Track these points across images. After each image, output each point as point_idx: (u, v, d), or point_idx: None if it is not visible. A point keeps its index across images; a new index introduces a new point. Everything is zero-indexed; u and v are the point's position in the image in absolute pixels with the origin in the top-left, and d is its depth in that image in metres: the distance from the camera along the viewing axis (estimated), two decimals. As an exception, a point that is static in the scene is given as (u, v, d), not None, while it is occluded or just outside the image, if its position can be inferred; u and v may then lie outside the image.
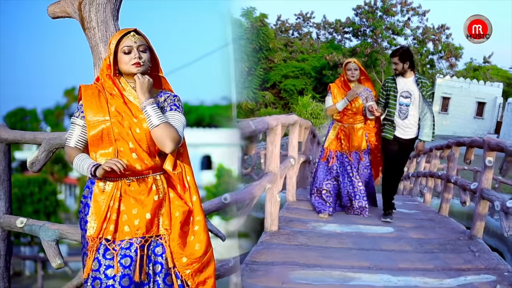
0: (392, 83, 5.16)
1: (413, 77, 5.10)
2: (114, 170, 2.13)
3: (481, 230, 4.67)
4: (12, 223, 3.33)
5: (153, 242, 2.30)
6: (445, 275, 3.63)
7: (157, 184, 2.32)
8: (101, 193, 2.28)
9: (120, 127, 2.27)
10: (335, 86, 5.36)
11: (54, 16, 3.09)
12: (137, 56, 2.27)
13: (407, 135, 5.14)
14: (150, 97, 2.28)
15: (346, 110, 5.26)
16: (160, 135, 2.23)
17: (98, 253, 2.25)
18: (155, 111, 2.25)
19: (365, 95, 5.28)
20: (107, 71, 2.33)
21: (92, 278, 2.24)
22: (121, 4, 3.01)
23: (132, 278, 2.22)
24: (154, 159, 2.31)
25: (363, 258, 3.96)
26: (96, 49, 2.90)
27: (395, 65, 5.05)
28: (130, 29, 2.31)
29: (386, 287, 3.40)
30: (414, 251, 4.24)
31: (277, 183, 4.58)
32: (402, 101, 5.09)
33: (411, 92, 5.06)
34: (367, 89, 5.34)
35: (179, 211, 2.34)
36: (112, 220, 2.25)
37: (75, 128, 2.34)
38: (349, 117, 5.33)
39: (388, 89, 5.18)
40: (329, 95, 5.38)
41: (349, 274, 3.59)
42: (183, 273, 2.32)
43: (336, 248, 4.22)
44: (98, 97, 2.32)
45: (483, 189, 4.62)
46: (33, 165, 3.23)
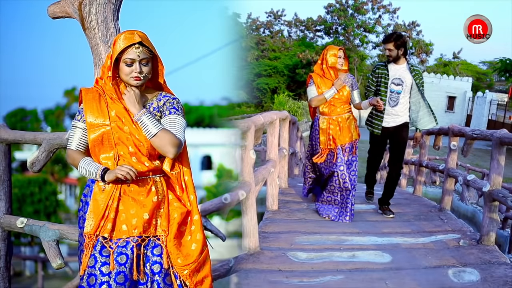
0: (384, 70, 5.07)
1: (405, 64, 5.06)
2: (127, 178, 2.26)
3: (449, 203, 5.69)
4: (13, 223, 3.41)
5: (151, 243, 2.38)
6: (420, 235, 4.63)
7: (157, 186, 2.40)
8: (101, 192, 2.36)
9: (120, 132, 2.34)
10: (317, 76, 5.14)
11: (54, 16, 3.14)
12: (138, 70, 2.32)
13: (396, 122, 5.11)
14: (142, 107, 2.35)
15: (334, 99, 5.06)
16: (160, 143, 2.30)
17: (95, 250, 2.32)
18: (150, 120, 2.32)
19: (350, 82, 5.15)
20: (108, 73, 2.38)
21: (88, 274, 2.31)
22: (121, 4, 3.09)
23: (127, 275, 2.30)
24: (154, 162, 2.39)
25: (352, 227, 4.91)
26: (96, 49, 2.98)
27: (389, 51, 4.98)
28: (135, 41, 2.32)
29: (373, 244, 4.36)
30: (394, 221, 5.22)
31: (277, 168, 5.51)
32: (394, 88, 5.03)
33: (403, 80, 5.01)
34: (350, 75, 5.23)
35: (178, 213, 2.41)
36: (110, 219, 2.33)
37: (76, 131, 2.42)
38: (337, 107, 5.10)
39: (379, 76, 5.08)
40: (312, 84, 5.14)
41: (343, 237, 4.55)
42: (181, 273, 2.39)
43: (329, 220, 5.16)
44: (99, 101, 2.38)
45: (449, 168, 5.66)
46: (33, 165, 3.29)
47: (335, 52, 5.06)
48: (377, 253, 4.13)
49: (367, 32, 32.21)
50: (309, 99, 5.16)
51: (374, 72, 5.18)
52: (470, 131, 5.10)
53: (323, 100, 5.04)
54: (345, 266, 3.83)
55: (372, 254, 4.09)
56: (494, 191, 4.26)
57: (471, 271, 3.74)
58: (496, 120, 25.68)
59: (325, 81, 5.08)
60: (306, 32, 36.43)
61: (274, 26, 37.96)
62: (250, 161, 3.91)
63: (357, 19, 31.94)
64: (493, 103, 27.18)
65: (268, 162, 5.11)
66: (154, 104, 2.44)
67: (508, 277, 3.60)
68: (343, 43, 31.57)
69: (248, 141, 3.89)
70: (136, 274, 2.31)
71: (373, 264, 3.90)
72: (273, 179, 5.36)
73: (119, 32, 3.00)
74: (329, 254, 4.08)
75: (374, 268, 3.82)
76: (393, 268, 3.82)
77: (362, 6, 31.44)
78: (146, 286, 2.34)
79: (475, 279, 3.59)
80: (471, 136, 4.95)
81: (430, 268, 3.83)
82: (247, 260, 3.88)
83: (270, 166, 4.97)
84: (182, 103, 2.46)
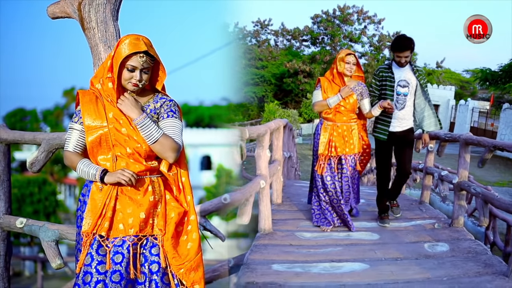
0: (388, 72, 5.01)
1: (408, 65, 5.04)
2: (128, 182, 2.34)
3: (427, 197, 6.79)
4: (12, 224, 3.46)
5: (149, 242, 2.45)
6: (402, 221, 5.72)
7: (154, 186, 2.47)
8: (99, 191, 2.41)
9: (117, 133, 2.39)
10: (325, 80, 5.04)
11: (53, 16, 3.18)
12: (138, 78, 2.38)
13: (403, 127, 5.10)
14: (141, 111, 2.42)
15: (339, 106, 4.93)
16: (161, 149, 2.39)
17: (92, 249, 2.37)
18: (151, 125, 2.40)
19: (359, 90, 5.03)
20: (107, 73, 2.41)
21: (84, 272, 2.36)
22: (121, 5, 3.13)
23: (123, 274, 2.36)
24: (151, 162, 2.46)
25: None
26: (95, 49, 3.03)
27: (406, 57, 4.92)
28: (141, 49, 2.36)
29: (364, 227, 5.41)
30: (380, 211, 6.32)
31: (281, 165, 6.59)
32: (400, 90, 4.98)
33: (409, 81, 4.99)
34: (361, 83, 5.08)
35: (175, 212, 2.48)
36: (107, 218, 2.38)
37: (73, 132, 2.46)
38: (343, 115, 4.98)
39: (383, 79, 5.03)
40: (318, 89, 5.04)
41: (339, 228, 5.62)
42: (177, 272, 2.45)
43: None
44: (96, 103, 2.42)
45: (427, 167, 6.79)
46: (32, 166, 3.34)
47: (342, 57, 4.92)
48: (367, 233, 5.19)
49: (353, 42, 33.50)
50: (312, 103, 5.14)
51: (377, 76, 5.09)
52: (443, 135, 6.22)
53: (325, 106, 4.95)
54: (343, 242, 4.89)
55: (363, 234, 5.16)
56: (461, 182, 5.37)
57: (442, 244, 4.81)
58: (478, 127, 26.89)
59: (332, 86, 4.99)
60: (292, 42, 37.27)
61: (261, 35, 38.91)
62: (266, 158, 4.97)
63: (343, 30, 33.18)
64: (475, 111, 28.37)
65: (275, 162, 6.18)
66: (151, 106, 2.51)
67: (471, 248, 4.67)
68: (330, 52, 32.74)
69: (264, 142, 4.95)
70: (133, 273, 2.38)
71: (364, 240, 4.96)
72: (278, 176, 6.41)
73: (118, 32, 3.12)
74: (329, 234, 5.13)
75: (365, 243, 4.88)
76: (381, 243, 4.89)
77: (349, 17, 32.69)
78: (144, 286, 2.41)
79: (445, 250, 4.66)
80: (444, 139, 6.06)
81: (410, 243, 4.89)
82: (263, 238, 4.93)
83: (277, 164, 6.04)
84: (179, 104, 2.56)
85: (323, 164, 5.05)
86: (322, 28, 34.03)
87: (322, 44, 34.50)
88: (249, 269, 4.02)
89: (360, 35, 33.36)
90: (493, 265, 4.14)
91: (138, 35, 2.41)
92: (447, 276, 3.94)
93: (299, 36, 36.26)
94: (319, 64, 31.67)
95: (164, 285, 2.43)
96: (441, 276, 3.94)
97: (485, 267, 4.11)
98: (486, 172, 16.57)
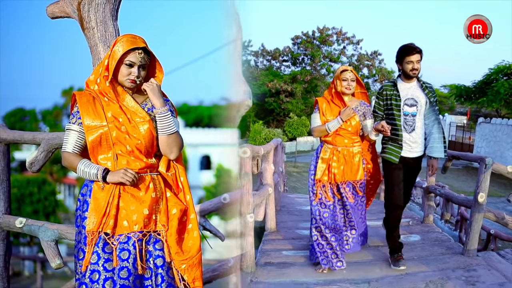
0: (392, 90, 4.48)
1: (415, 82, 4.49)
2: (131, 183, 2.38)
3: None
4: (11, 223, 3.47)
5: (152, 238, 2.49)
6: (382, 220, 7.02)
7: (155, 183, 2.51)
8: (101, 191, 2.44)
9: (117, 131, 2.42)
10: (323, 101, 4.59)
11: (53, 16, 3.19)
12: (136, 75, 2.43)
13: (414, 152, 4.55)
14: (163, 102, 2.47)
15: (340, 129, 4.50)
16: (171, 142, 2.46)
17: (97, 247, 2.40)
18: (170, 117, 2.47)
19: (362, 111, 4.57)
20: (104, 72, 2.44)
21: (91, 271, 2.39)
22: (120, 4, 3.14)
23: (131, 270, 2.40)
24: (150, 159, 2.50)
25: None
26: (95, 49, 3.03)
27: (418, 62, 4.36)
28: (140, 45, 2.41)
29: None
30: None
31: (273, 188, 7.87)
32: (407, 110, 4.46)
33: (417, 100, 4.45)
34: (364, 103, 4.61)
35: (177, 208, 2.54)
36: (112, 215, 2.42)
37: (71, 133, 2.47)
38: (344, 138, 4.55)
39: (388, 98, 4.50)
40: (316, 111, 4.60)
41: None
42: (179, 268, 2.51)
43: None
44: (94, 104, 2.43)
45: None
46: (32, 165, 3.34)
47: (338, 74, 4.50)
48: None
49: (333, 62, 34.20)
50: (311, 128, 4.71)
51: (381, 95, 4.57)
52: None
53: (324, 131, 4.53)
54: (335, 235, 6.16)
55: (351, 230, 6.44)
56: (429, 186, 6.70)
57: (415, 236, 6.08)
58: (456, 141, 27.90)
59: (332, 107, 4.57)
60: (272, 62, 37.75)
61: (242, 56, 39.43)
62: (271, 171, 6.24)
63: (323, 50, 34.18)
64: (452, 125, 29.27)
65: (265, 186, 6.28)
66: (148, 105, 2.56)
67: (438, 238, 5.92)
68: (310, 72, 33.63)
69: (269, 158, 6.25)
70: (141, 268, 2.43)
71: (352, 234, 6.25)
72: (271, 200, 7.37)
73: (118, 32, 3.15)
74: (323, 231, 6.40)
75: (353, 236, 6.17)
76: (365, 235, 6.17)
77: (328, 38, 33.68)
78: (151, 280, 2.47)
79: (417, 239, 5.93)
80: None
81: (389, 235, 6.18)
82: (270, 235, 6.20)
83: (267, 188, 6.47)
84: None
85: (320, 190, 4.63)
86: (302, 48, 34.84)
87: (303, 64, 35.35)
88: (265, 254, 5.27)
89: (339, 55, 34.15)
90: (453, 248, 5.42)
91: (135, 34, 2.48)
92: (417, 256, 5.20)
93: (279, 57, 36.83)
94: (300, 83, 32.55)
95: (169, 279, 2.49)
96: (413, 256, 5.18)
97: (447, 249, 5.39)
98: (463, 183, 17.86)
